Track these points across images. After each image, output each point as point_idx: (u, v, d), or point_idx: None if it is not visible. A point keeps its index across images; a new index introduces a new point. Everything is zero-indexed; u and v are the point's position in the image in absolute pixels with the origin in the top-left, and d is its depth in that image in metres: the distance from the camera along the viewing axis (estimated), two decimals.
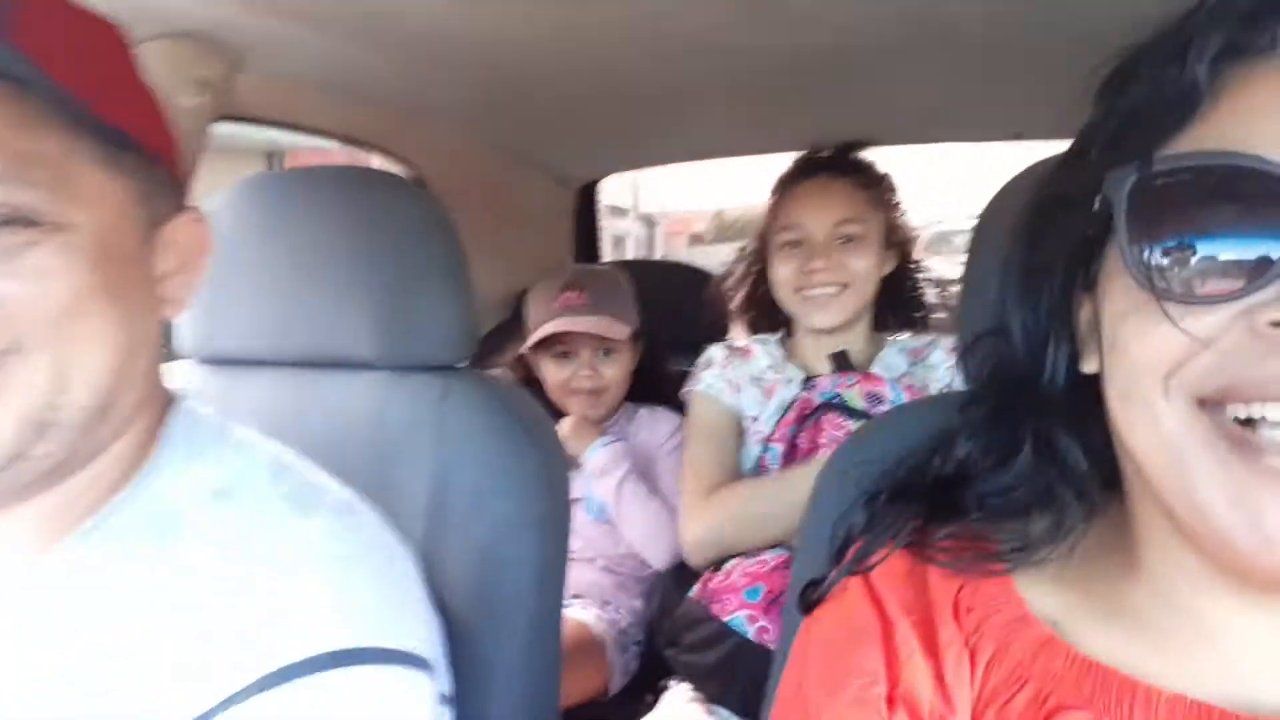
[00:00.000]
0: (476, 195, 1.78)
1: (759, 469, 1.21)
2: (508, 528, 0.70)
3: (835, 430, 1.15)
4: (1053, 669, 0.44)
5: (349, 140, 1.47)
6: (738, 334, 1.40)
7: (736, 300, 1.41)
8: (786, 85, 1.46)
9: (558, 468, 0.76)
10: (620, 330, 1.43)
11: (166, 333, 0.84)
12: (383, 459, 0.73)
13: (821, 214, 1.23)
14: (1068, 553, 0.46)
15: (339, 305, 0.74)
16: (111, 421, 0.51)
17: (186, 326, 0.84)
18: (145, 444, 0.55)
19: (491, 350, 1.71)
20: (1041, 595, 0.47)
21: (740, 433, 1.25)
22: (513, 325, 1.59)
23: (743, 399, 1.25)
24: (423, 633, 0.56)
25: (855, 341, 1.26)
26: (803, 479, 0.98)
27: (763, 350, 1.30)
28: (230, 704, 0.46)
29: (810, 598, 0.54)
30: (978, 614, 0.47)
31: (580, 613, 1.38)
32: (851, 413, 1.16)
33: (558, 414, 1.46)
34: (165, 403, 0.58)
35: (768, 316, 1.38)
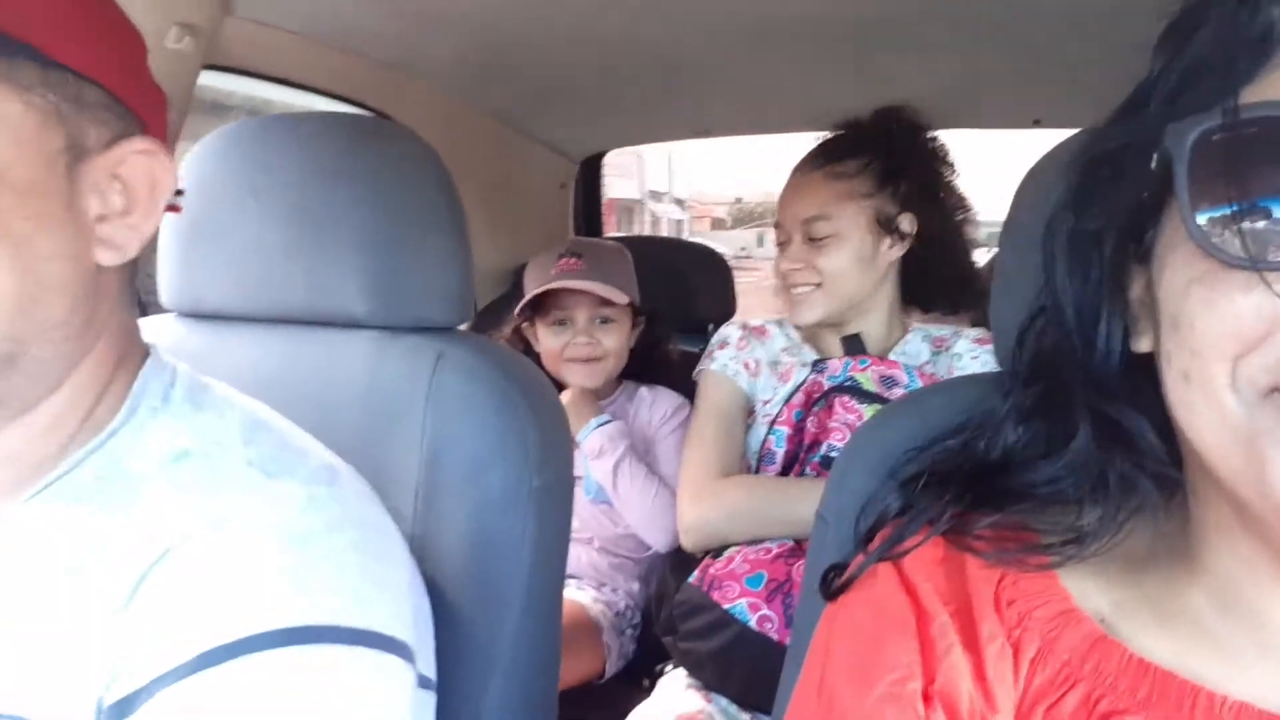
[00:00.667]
0: (475, 164, 1.74)
1: (763, 451, 1.18)
2: (505, 501, 0.66)
3: (847, 414, 1.11)
4: (1105, 670, 0.40)
5: (339, 98, 1.41)
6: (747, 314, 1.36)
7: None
8: (799, 62, 1.41)
9: (560, 438, 0.72)
10: (618, 296, 1.38)
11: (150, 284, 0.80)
12: (373, 425, 0.69)
13: (794, 211, 1.20)
14: (1116, 546, 0.43)
15: (328, 259, 0.70)
16: (20, 377, 0.46)
17: (167, 278, 0.80)
18: (110, 399, 0.51)
19: (490, 326, 1.67)
20: (1088, 590, 0.43)
21: (749, 415, 1.22)
22: (512, 299, 1.55)
23: (758, 383, 1.22)
24: (401, 613, 0.52)
25: (873, 326, 1.22)
26: (810, 491, 0.95)
27: (779, 331, 1.27)
28: (167, 680, 0.42)
29: (834, 583, 0.50)
30: (1020, 607, 0.44)
31: (577, 594, 1.35)
32: (864, 396, 1.12)
33: (557, 389, 1.42)
34: (137, 356, 0.54)
35: None
